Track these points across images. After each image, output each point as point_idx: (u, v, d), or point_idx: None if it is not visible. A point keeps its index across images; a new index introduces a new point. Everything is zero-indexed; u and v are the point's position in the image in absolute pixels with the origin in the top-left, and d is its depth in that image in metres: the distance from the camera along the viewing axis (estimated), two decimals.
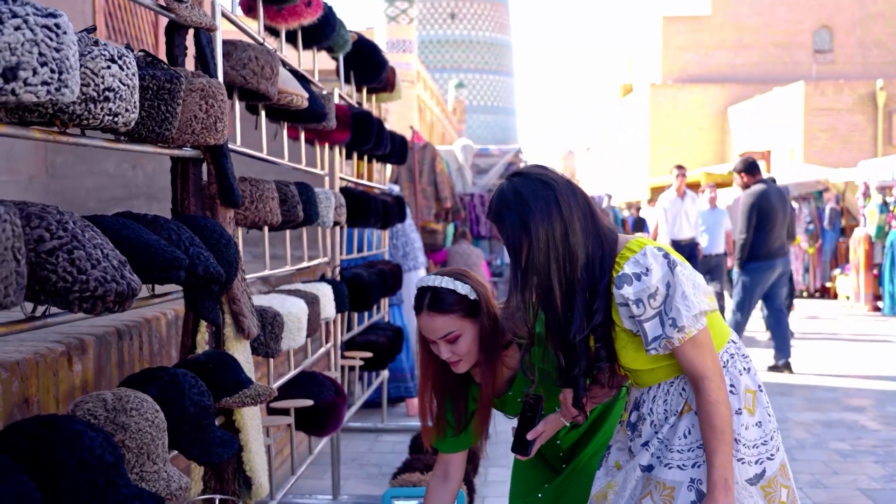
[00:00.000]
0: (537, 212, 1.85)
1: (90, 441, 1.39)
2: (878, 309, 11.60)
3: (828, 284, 13.43)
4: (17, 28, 1.20)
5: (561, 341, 1.93)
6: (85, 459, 1.36)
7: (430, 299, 2.12)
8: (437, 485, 2.35)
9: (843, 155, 20.52)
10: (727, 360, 1.95)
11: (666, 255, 1.86)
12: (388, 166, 5.57)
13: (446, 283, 2.12)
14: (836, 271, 13.11)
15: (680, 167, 9.50)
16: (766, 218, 6.93)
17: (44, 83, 1.24)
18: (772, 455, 1.92)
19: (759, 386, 1.97)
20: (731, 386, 1.92)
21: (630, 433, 2.03)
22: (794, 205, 14.17)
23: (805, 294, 13.62)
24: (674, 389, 1.95)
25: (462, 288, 2.12)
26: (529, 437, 2.11)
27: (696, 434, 1.89)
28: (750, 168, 7.24)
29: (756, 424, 1.92)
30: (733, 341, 1.99)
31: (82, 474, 1.36)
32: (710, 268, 9.24)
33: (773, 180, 7.78)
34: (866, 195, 12.15)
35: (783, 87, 23.10)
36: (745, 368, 1.96)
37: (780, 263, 7.12)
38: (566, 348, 1.93)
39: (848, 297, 12.36)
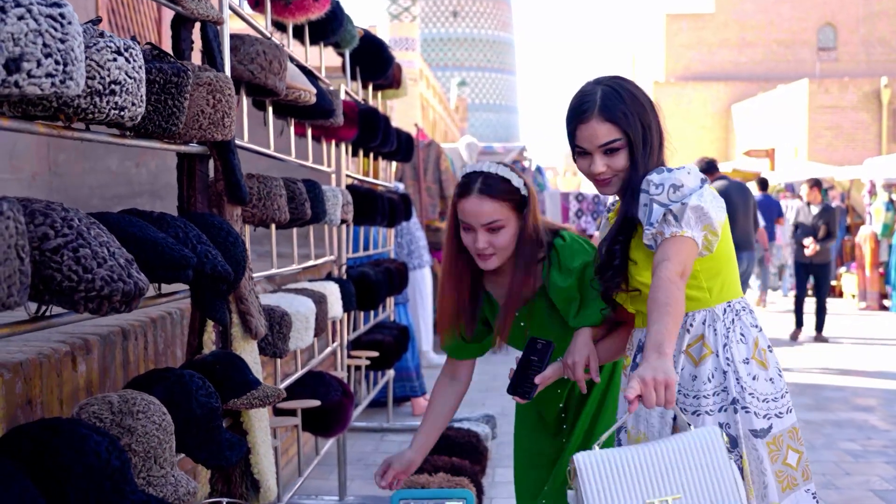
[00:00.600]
0: (651, 114, 1.97)
1: (96, 445, 1.34)
2: (884, 307, 11.54)
3: (833, 283, 13.37)
4: (21, 17, 1.15)
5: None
6: (91, 464, 1.32)
7: (483, 183, 2.07)
8: (443, 384, 2.36)
9: (847, 153, 20.46)
10: (739, 311, 1.96)
11: (704, 180, 1.91)
12: (393, 164, 5.52)
13: (501, 171, 2.09)
14: (842, 269, 13.06)
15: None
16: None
17: (48, 75, 1.19)
18: (780, 413, 1.92)
19: (769, 346, 1.98)
20: (742, 335, 1.93)
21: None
22: (801, 203, 14.10)
23: (810, 292, 13.56)
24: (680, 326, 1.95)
25: (516, 180, 2.09)
26: (537, 380, 2.04)
27: (718, 378, 1.90)
28: (708, 167, 7.44)
29: (768, 380, 1.92)
30: (745, 300, 2.01)
31: (88, 480, 1.31)
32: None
33: (766, 183, 7.82)
34: (872, 193, 12.10)
35: (787, 85, 23.04)
36: (755, 325, 1.97)
37: (745, 257, 7.18)
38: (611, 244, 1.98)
39: (854, 296, 12.31)
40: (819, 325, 8.98)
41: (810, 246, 8.90)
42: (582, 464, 1.71)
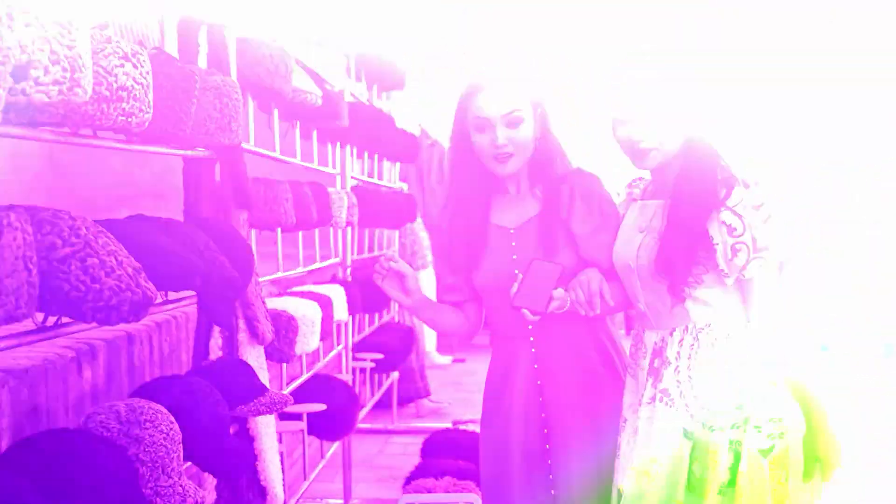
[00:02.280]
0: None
1: (104, 457, 1.33)
2: None
3: None
4: (28, 24, 1.13)
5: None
6: (99, 477, 1.30)
7: (496, 79, 2.05)
8: (450, 308, 2.29)
9: None
10: None
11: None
12: (398, 164, 5.49)
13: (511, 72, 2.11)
14: None
15: None
16: None
17: (56, 82, 1.17)
18: (783, 433, 1.90)
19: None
20: None
21: (652, 379, 1.99)
22: None
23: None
24: (703, 338, 1.93)
25: (530, 80, 2.09)
26: (554, 293, 1.91)
27: (734, 395, 1.89)
28: None
29: (777, 398, 1.91)
30: None
31: (96, 492, 1.30)
32: None
33: None
34: None
35: None
36: None
37: None
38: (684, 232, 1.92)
39: None
40: None
41: None
42: None
